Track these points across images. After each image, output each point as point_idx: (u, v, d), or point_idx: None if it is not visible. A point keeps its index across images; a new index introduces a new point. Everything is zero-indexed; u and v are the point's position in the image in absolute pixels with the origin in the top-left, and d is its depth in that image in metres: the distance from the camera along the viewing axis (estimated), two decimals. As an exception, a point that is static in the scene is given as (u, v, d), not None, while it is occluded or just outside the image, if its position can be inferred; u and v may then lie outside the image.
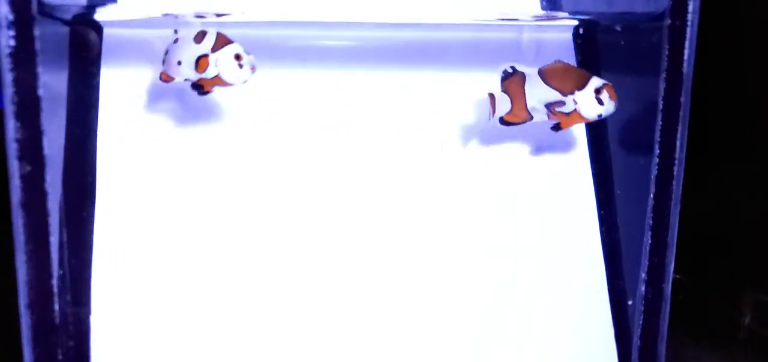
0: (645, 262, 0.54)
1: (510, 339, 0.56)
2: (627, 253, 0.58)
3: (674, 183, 0.53)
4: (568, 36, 0.62)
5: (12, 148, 0.44)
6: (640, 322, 0.54)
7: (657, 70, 0.52)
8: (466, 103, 0.59)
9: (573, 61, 0.62)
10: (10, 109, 0.44)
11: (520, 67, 0.55)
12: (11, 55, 0.43)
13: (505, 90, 0.54)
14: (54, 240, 0.46)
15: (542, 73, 0.54)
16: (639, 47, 0.56)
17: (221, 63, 0.49)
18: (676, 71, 0.52)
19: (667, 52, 0.51)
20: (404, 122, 0.59)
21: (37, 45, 0.43)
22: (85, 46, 0.55)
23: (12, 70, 0.44)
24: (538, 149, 0.60)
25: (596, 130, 0.61)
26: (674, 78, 0.52)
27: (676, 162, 0.53)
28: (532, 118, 0.54)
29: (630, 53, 0.57)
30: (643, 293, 0.54)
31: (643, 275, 0.54)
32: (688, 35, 0.51)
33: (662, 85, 0.52)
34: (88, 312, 0.52)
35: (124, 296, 0.53)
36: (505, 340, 0.56)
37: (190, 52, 0.49)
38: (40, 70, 0.44)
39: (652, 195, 0.53)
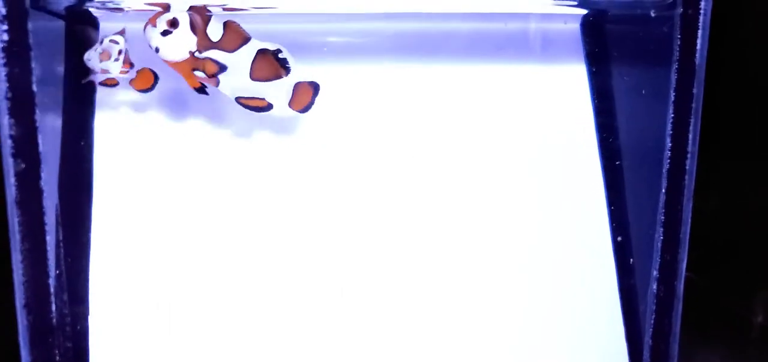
0: (657, 259, 0.52)
1: (518, 337, 0.55)
2: (638, 250, 0.57)
3: (686, 177, 0.51)
4: (577, 27, 0.61)
5: (6, 145, 0.43)
6: (652, 321, 0.53)
7: (668, 61, 0.51)
8: (469, 97, 0.58)
9: (581, 53, 0.61)
10: (4, 105, 0.43)
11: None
12: (5, 49, 0.42)
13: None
14: (50, 239, 0.46)
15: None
16: (650, 37, 0.54)
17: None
18: (688, 61, 0.50)
19: (679, 42, 0.50)
20: (403, 117, 0.58)
21: (31, 39, 0.42)
22: (81, 40, 0.54)
23: (6, 64, 0.43)
24: (545, 143, 0.59)
25: (606, 123, 0.59)
26: (686, 68, 0.50)
27: (689, 155, 0.51)
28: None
29: (641, 43, 0.56)
30: (655, 291, 0.53)
31: (655, 273, 0.53)
32: (700, 24, 0.49)
33: (674, 76, 0.50)
34: (86, 312, 0.51)
35: (123, 295, 0.52)
36: (514, 339, 0.55)
37: None
38: (34, 65, 0.43)
39: (663, 191, 0.52)
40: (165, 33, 0.45)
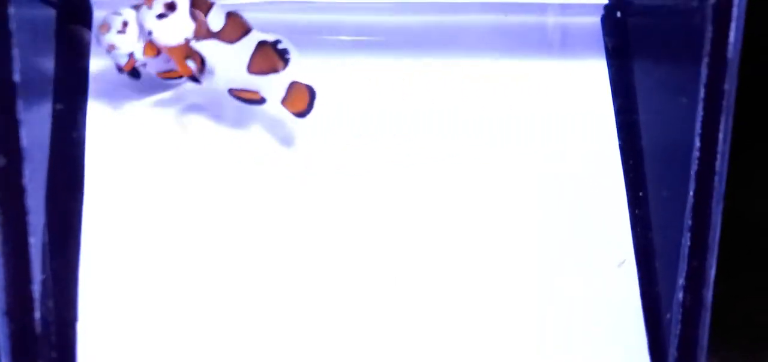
0: (683, 267, 0.50)
1: (532, 348, 0.53)
2: (662, 257, 0.54)
3: (716, 179, 0.49)
4: (596, 20, 0.59)
5: (-16, 139, 0.41)
6: (677, 332, 0.50)
7: (698, 56, 0.48)
8: (482, 95, 0.56)
9: (601, 47, 0.59)
10: (-19, 96, 0.40)
11: None
12: (-19, 35, 0.40)
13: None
14: (35, 241, 0.43)
15: None
16: (678, 30, 0.52)
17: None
18: (719, 56, 0.47)
19: (710, 35, 0.47)
20: (414, 114, 0.56)
21: (13, 24, 0.40)
22: (73, 28, 0.52)
23: (-18, 52, 0.40)
24: (562, 142, 0.56)
25: (627, 120, 0.57)
26: (718, 64, 0.47)
27: (719, 156, 0.49)
28: None
29: (667, 38, 0.53)
30: (681, 300, 0.50)
31: (681, 280, 0.50)
32: (734, 15, 0.47)
33: (704, 72, 0.48)
34: (74, 320, 0.49)
35: (115, 302, 0.50)
36: (527, 350, 0.52)
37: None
38: (15, 52, 0.40)
39: (691, 193, 0.49)
40: (161, 16, 0.44)
